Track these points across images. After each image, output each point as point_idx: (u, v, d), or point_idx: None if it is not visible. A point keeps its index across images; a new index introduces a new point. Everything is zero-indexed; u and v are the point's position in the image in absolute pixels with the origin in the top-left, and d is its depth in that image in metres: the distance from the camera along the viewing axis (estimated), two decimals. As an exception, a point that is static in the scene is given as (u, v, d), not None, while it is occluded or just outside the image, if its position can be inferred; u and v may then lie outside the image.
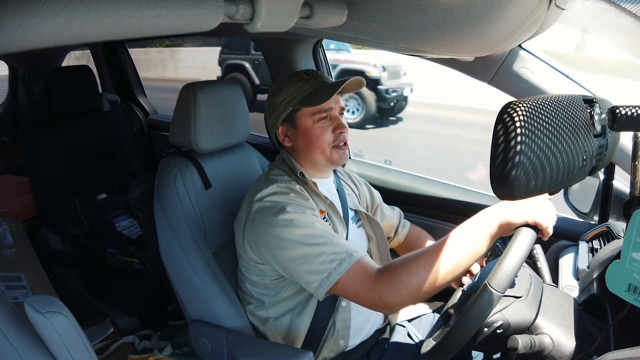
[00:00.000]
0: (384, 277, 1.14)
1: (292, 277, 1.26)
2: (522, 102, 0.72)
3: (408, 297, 1.12)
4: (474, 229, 1.10)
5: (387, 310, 1.21)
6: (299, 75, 1.43)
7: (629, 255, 0.81)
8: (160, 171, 1.56)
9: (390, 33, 1.04)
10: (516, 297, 1.03)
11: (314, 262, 1.20)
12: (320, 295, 1.21)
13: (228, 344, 1.39)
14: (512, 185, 0.71)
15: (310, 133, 1.41)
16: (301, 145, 1.43)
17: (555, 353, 0.98)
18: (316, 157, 1.43)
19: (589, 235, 1.46)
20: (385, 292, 1.13)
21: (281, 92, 1.42)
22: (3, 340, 0.93)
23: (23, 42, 0.54)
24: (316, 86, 1.40)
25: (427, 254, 1.12)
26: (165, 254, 1.50)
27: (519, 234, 0.99)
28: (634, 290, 0.81)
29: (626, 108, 0.70)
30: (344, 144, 1.42)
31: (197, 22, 0.68)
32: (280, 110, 1.42)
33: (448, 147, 6.98)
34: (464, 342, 0.98)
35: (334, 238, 1.24)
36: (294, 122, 1.42)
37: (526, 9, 0.96)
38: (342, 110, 1.44)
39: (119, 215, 2.64)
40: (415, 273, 1.10)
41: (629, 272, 0.81)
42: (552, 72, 1.47)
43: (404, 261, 1.15)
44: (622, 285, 0.82)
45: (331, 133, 1.41)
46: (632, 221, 0.80)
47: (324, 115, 1.40)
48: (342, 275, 1.18)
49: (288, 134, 1.45)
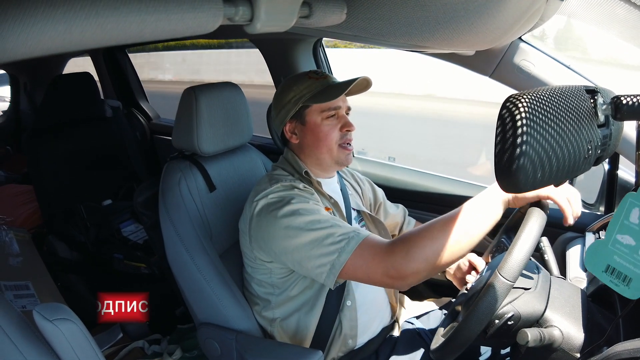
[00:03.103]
0: (397, 246, 1.13)
1: (303, 267, 1.25)
2: (525, 95, 0.72)
3: (423, 264, 1.09)
4: (489, 196, 1.11)
5: (402, 281, 1.15)
6: (309, 74, 1.45)
7: (614, 236, 0.81)
8: (165, 175, 1.56)
9: (390, 29, 1.04)
10: (525, 289, 1.03)
11: (323, 244, 1.20)
12: (331, 281, 1.20)
13: (237, 345, 1.39)
14: (518, 177, 0.71)
15: (319, 130, 1.42)
16: (309, 142, 1.44)
17: (565, 345, 0.98)
18: (323, 155, 1.44)
19: (595, 226, 1.46)
20: (399, 260, 1.11)
21: (290, 89, 1.43)
22: (13, 349, 0.93)
23: (24, 51, 0.54)
24: (326, 85, 1.42)
25: (442, 220, 1.11)
26: (172, 258, 1.50)
27: (530, 217, 0.99)
28: (611, 272, 0.80)
29: (629, 97, 0.70)
30: (349, 144, 1.44)
31: (196, 25, 0.68)
32: (290, 106, 1.43)
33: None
34: (476, 335, 0.98)
35: (340, 221, 1.25)
36: (303, 119, 1.43)
37: (526, 1, 0.96)
38: (348, 110, 1.46)
39: (125, 221, 2.64)
40: (430, 237, 1.09)
41: (610, 253, 0.81)
42: (554, 63, 1.46)
43: (418, 229, 1.14)
44: (600, 266, 0.82)
45: (338, 131, 1.42)
46: (623, 203, 0.80)
47: (333, 113, 1.41)
48: (352, 252, 1.17)
49: (296, 131, 1.46)
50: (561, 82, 1.44)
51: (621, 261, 0.79)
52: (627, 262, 0.79)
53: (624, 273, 0.79)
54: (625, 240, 0.79)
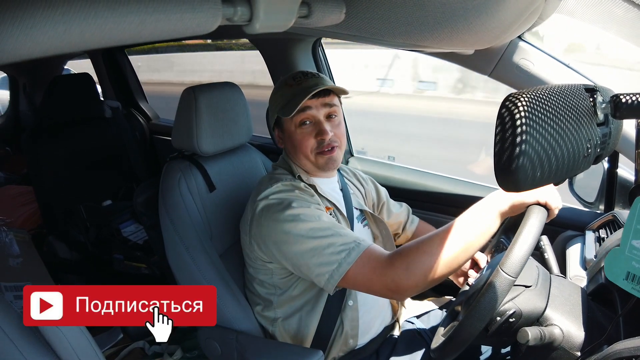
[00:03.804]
0: (397, 260, 1.14)
1: (302, 272, 1.26)
2: (524, 93, 0.72)
3: (422, 279, 1.11)
4: (486, 208, 1.12)
5: (401, 294, 1.20)
6: (288, 80, 1.43)
7: (629, 242, 0.80)
8: (164, 176, 1.56)
9: (389, 29, 1.04)
10: (526, 287, 1.03)
11: (323, 254, 1.20)
12: (331, 288, 1.20)
13: (238, 346, 1.39)
14: (517, 176, 0.71)
15: (294, 138, 1.41)
16: (289, 149, 1.45)
17: (565, 344, 0.97)
18: (303, 162, 1.43)
19: (595, 225, 1.46)
20: (399, 275, 1.12)
21: (272, 97, 1.45)
22: (13, 350, 0.93)
23: (23, 52, 0.54)
24: (295, 92, 1.38)
25: (439, 234, 1.12)
26: (172, 258, 1.50)
27: (531, 214, 1.00)
28: (632, 279, 0.80)
29: (628, 96, 0.70)
30: (330, 149, 1.39)
31: (195, 25, 0.68)
32: (271, 114, 1.45)
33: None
34: (477, 333, 0.98)
35: (341, 229, 1.24)
36: (282, 127, 1.43)
37: (524, 0, 0.96)
38: (329, 114, 1.41)
39: (125, 221, 2.64)
40: (429, 253, 1.10)
41: (628, 260, 0.80)
42: (553, 62, 1.46)
43: (417, 243, 1.15)
44: (620, 274, 0.81)
45: (313, 139, 1.39)
46: (634, 208, 0.79)
47: (304, 120, 1.38)
48: (352, 264, 1.17)
49: (280, 137, 1.47)
50: (560, 81, 1.45)
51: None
52: None
53: None
54: None
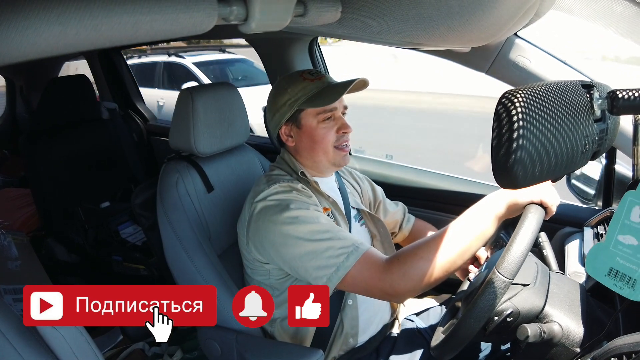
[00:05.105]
0: (394, 266, 1.15)
1: (300, 275, 1.26)
2: (521, 90, 0.72)
3: (419, 283, 1.13)
4: (481, 212, 1.13)
5: (398, 298, 1.23)
6: (303, 75, 1.42)
7: (615, 237, 0.79)
8: (162, 176, 1.56)
9: (385, 27, 1.04)
10: (524, 285, 1.04)
11: (322, 257, 1.20)
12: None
13: (237, 346, 1.39)
14: (515, 173, 0.71)
15: (315, 133, 1.40)
16: (305, 145, 1.43)
17: (564, 340, 0.98)
18: (319, 158, 1.42)
19: (593, 221, 1.46)
20: (396, 280, 1.14)
21: (285, 92, 1.41)
22: (13, 352, 0.93)
23: (18, 54, 0.54)
24: (322, 86, 1.39)
25: (435, 239, 1.13)
26: (171, 259, 1.50)
27: (528, 214, 1.00)
28: (615, 275, 0.79)
29: (625, 92, 0.70)
30: (345, 145, 1.42)
31: (191, 25, 0.68)
32: (285, 109, 1.41)
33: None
34: (474, 333, 0.98)
35: (340, 232, 1.24)
36: (299, 122, 1.41)
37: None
38: (344, 110, 1.44)
39: (123, 223, 2.64)
40: (426, 258, 1.11)
41: (612, 256, 0.79)
42: (550, 59, 1.46)
43: (413, 247, 1.16)
44: (602, 269, 0.80)
45: (335, 133, 1.40)
46: (622, 202, 0.79)
47: (329, 115, 1.39)
48: (350, 268, 1.18)
49: (292, 134, 1.44)
50: (557, 78, 1.45)
51: (624, 262, 0.78)
52: (631, 263, 0.78)
53: (628, 275, 0.78)
54: (628, 241, 0.78)
